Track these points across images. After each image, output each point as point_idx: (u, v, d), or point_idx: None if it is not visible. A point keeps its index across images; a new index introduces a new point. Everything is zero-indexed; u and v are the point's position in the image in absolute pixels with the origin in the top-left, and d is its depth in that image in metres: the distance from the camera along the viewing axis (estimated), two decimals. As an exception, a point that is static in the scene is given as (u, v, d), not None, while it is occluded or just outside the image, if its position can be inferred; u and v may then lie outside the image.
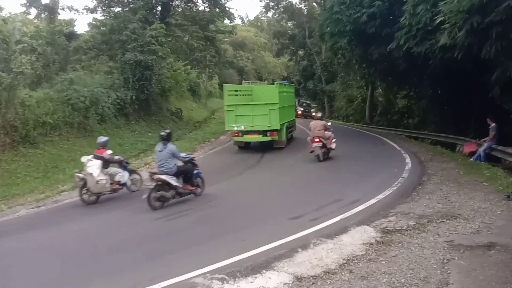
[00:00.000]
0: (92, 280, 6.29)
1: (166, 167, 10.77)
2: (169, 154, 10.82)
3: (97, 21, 30.64)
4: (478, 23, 11.61)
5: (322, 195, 10.89)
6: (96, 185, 11.26)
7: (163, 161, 10.86)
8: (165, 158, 10.84)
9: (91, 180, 11.23)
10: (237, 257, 6.61)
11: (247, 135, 18.69)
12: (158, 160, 11.01)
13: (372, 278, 5.74)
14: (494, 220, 8.05)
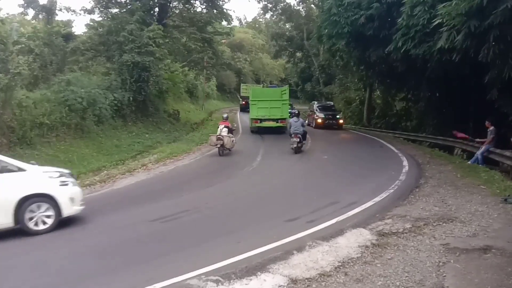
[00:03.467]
0: (87, 282, 6.26)
1: (299, 131, 18.28)
2: (300, 124, 18.50)
3: (94, 22, 30.66)
4: (475, 26, 11.62)
5: (318, 197, 10.86)
6: (229, 142, 18.39)
7: (298, 127, 18.34)
8: (299, 126, 18.38)
9: (226, 139, 18.19)
10: (232, 259, 6.58)
11: (265, 121, 26.19)
12: (294, 127, 18.40)
13: (368, 281, 5.72)
14: (491, 223, 8.03)
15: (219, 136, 18.16)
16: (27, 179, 8.86)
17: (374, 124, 36.09)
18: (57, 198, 9.03)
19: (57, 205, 9.00)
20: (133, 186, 14.12)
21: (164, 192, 12.33)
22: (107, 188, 14.19)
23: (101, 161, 18.45)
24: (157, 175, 15.55)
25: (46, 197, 8.96)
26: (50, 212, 8.94)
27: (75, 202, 9.47)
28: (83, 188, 13.97)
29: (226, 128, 18.63)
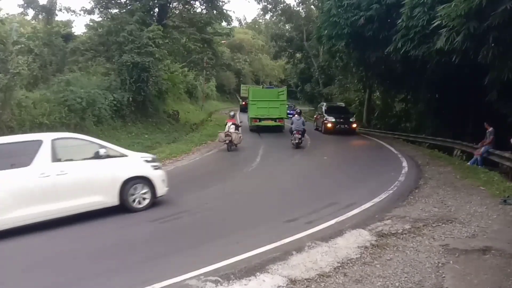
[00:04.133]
0: (85, 282, 6.25)
1: (300, 128, 20.46)
2: (301, 122, 20.76)
3: (94, 23, 30.63)
4: (475, 27, 11.63)
5: (317, 198, 10.86)
6: (237, 138, 19.78)
7: (299, 125, 20.58)
8: (300, 124, 20.63)
9: (234, 136, 19.58)
10: (231, 259, 6.57)
11: (264, 121, 27.67)
12: (296, 124, 20.58)
13: (367, 281, 5.71)
14: (490, 224, 8.03)
15: (228, 133, 19.58)
16: (129, 163, 10.23)
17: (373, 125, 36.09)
18: (153, 180, 10.42)
19: (152, 186, 10.42)
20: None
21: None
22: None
23: (100, 161, 18.42)
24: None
25: (144, 179, 10.29)
26: (147, 193, 10.34)
27: (164, 184, 10.76)
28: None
29: (233, 125, 19.96)
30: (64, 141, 9.70)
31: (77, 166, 9.51)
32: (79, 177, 9.40)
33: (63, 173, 9.13)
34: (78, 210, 9.40)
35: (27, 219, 8.77)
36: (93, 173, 9.63)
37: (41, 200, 8.87)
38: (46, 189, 8.89)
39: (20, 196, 8.67)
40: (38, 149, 9.04)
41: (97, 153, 9.66)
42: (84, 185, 9.43)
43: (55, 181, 9.00)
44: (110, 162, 9.86)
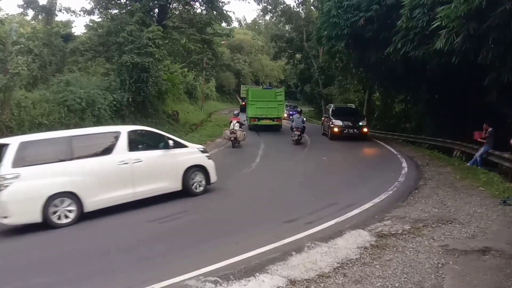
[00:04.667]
0: (84, 282, 6.25)
1: (299, 126, 22.22)
2: (301, 120, 22.76)
3: (94, 23, 30.60)
4: (474, 28, 11.63)
5: (317, 198, 10.85)
6: (241, 135, 20.99)
7: (299, 123, 22.47)
8: (300, 122, 22.55)
9: (239, 133, 20.87)
10: (231, 259, 6.57)
11: (262, 120, 28.97)
12: (296, 122, 22.50)
13: (366, 282, 5.71)
14: (490, 225, 8.03)
15: (233, 130, 21.00)
16: (189, 153, 11.71)
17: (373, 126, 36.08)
18: (208, 168, 11.88)
19: (207, 174, 11.84)
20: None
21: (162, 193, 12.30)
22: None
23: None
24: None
25: (201, 167, 11.75)
26: (203, 180, 11.77)
27: (215, 173, 12.08)
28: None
29: (238, 123, 21.75)
30: (137, 132, 11.31)
31: (149, 155, 10.80)
32: (151, 165, 10.73)
33: (138, 161, 10.44)
34: (149, 194, 10.74)
35: (110, 202, 9.98)
36: (162, 161, 11.02)
37: (121, 185, 10.15)
38: (124, 175, 10.22)
39: (104, 181, 9.87)
40: (117, 139, 10.39)
41: (165, 144, 11.11)
42: (155, 172, 10.78)
43: (132, 168, 10.32)
44: (175, 152, 11.25)
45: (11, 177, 8.79)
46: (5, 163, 8.84)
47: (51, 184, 9.17)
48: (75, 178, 9.49)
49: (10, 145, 9.08)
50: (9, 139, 9.66)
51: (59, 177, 9.34)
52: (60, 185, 9.28)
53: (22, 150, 9.11)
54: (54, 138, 10.04)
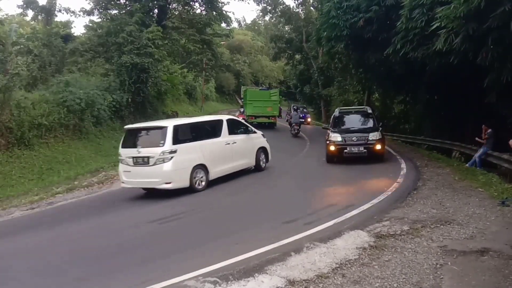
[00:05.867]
0: (85, 283, 6.27)
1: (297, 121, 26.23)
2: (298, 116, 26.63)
3: (93, 23, 30.65)
4: (474, 29, 11.63)
5: (316, 199, 10.87)
6: None
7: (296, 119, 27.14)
8: (297, 118, 26.63)
9: None
10: (230, 260, 6.57)
11: (259, 118, 31.33)
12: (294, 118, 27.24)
13: (365, 282, 5.71)
14: (488, 225, 8.03)
15: None
16: (258, 137, 15.39)
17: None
18: (268, 149, 15.64)
19: (267, 154, 15.61)
20: (131, 187, 14.11)
21: (162, 193, 12.32)
22: (105, 189, 14.22)
23: (99, 162, 18.47)
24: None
25: (263, 148, 15.43)
26: (265, 158, 15.51)
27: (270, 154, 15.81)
28: (80, 189, 14.06)
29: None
30: (231, 121, 14.63)
31: (239, 138, 14.30)
32: (241, 146, 14.05)
33: (234, 142, 13.87)
34: (238, 168, 14.05)
35: (221, 173, 13.13)
36: (246, 143, 14.47)
37: (227, 160, 13.28)
38: (228, 153, 13.52)
39: (218, 157, 13.06)
40: (221, 125, 13.73)
41: (245, 130, 14.90)
42: (242, 151, 13.88)
43: (231, 148, 13.68)
44: (252, 136, 14.95)
45: (173, 152, 11.61)
46: (167, 141, 11.61)
47: (194, 158, 12.23)
48: (204, 154, 12.57)
49: (167, 127, 11.87)
50: (164, 122, 13.21)
51: (197, 153, 12.41)
52: (198, 159, 12.35)
53: (176, 132, 11.88)
54: (192, 122, 13.56)
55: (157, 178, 11.61)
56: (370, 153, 16.14)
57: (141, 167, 11.79)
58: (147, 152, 11.69)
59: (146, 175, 11.75)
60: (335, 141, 16.49)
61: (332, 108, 45.78)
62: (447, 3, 12.16)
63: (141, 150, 11.81)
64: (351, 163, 16.12)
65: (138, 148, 11.91)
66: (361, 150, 16.19)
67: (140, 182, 12.21)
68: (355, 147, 16.28)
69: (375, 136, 16.33)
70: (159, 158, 11.50)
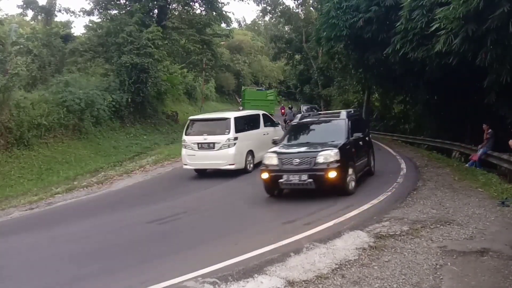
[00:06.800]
0: (83, 283, 6.26)
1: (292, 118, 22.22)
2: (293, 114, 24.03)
3: (93, 24, 30.66)
4: (473, 30, 11.63)
5: (316, 199, 10.84)
6: None
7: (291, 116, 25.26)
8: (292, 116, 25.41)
9: None
10: (229, 261, 6.56)
11: None
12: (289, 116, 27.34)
13: (364, 283, 5.71)
14: (488, 226, 8.02)
15: None
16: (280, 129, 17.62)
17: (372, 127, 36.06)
18: None
19: None
20: (130, 187, 14.14)
21: (161, 193, 12.33)
22: (105, 189, 14.21)
23: (98, 162, 18.47)
24: (155, 177, 15.57)
25: None
26: None
27: None
28: (79, 189, 14.05)
29: None
30: (264, 115, 16.87)
31: (268, 130, 16.47)
32: (271, 136, 14.97)
33: (267, 133, 16.04)
34: None
35: (259, 159, 13.83)
36: (274, 134, 15.85)
37: (263, 148, 13.78)
38: (264, 141, 14.75)
39: (258, 145, 15.02)
40: (259, 119, 16.35)
41: (271, 123, 17.17)
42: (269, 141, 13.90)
43: (265, 137, 15.31)
44: (276, 128, 17.17)
45: (235, 139, 14.17)
46: (231, 130, 14.17)
47: (247, 144, 14.74)
48: (252, 142, 15.00)
49: (230, 118, 14.49)
50: (225, 114, 16.18)
51: (248, 141, 14.85)
52: (249, 145, 14.86)
53: (236, 122, 14.40)
54: (243, 116, 16.09)
55: (223, 161, 14.11)
56: (320, 185, 10.46)
57: (206, 152, 14.26)
58: (213, 139, 14.16)
59: (211, 158, 14.18)
60: (268, 164, 10.95)
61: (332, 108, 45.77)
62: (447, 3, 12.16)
63: (207, 137, 14.18)
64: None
65: (204, 136, 14.28)
66: (303, 180, 10.39)
67: (204, 164, 14.61)
68: (296, 175, 10.51)
69: (329, 157, 10.44)
70: (225, 144, 14.04)
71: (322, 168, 10.39)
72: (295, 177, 10.51)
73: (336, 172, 10.36)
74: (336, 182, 10.51)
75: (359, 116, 16.01)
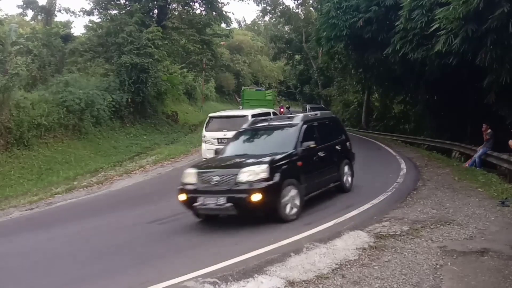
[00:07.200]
0: (83, 284, 6.25)
1: None
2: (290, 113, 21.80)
3: (93, 24, 30.65)
4: (473, 30, 11.65)
5: (315, 199, 10.81)
6: None
7: None
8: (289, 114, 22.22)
9: None
10: (230, 261, 6.55)
11: None
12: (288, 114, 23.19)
13: (365, 283, 5.70)
14: (488, 226, 8.02)
15: None
16: None
17: (372, 127, 36.09)
18: None
19: None
20: (130, 187, 14.14)
21: (161, 193, 12.32)
22: (104, 189, 14.21)
23: (98, 162, 18.46)
24: (155, 177, 15.57)
25: None
26: None
27: None
28: (79, 189, 14.05)
29: None
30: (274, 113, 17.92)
31: None
32: None
33: None
34: None
35: None
36: None
37: None
38: None
39: None
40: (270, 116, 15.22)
41: None
42: None
43: None
44: None
45: None
46: None
47: None
48: None
49: (248, 116, 14.65)
50: (244, 112, 17.32)
51: None
52: None
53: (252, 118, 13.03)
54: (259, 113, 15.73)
55: None
56: (242, 210, 8.50)
57: None
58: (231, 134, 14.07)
59: None
60: (186, 183, 9.11)
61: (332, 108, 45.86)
62: (446, 4, 12.19)
63: (226, 133, 14.40)
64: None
65: (224, 132, 14.79)
66: (220, 203, 8.36)
67: None
68: (213, 197, 8.50)
69: (253, 174, 8.39)
70: None
71: (243, 189, 8.32)
72: (212, 200, 8.43)
73: (261, 194, 8.19)
74: (263, 206, 8.46)
75: (331, 119, 12.67)
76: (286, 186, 8.70)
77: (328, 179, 10.62)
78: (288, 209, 8.77)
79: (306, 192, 9.38)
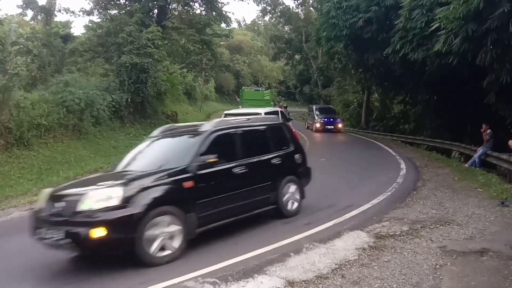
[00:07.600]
0: (83, 284, 6.24)
1: None
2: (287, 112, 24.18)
3: (93, 24, 30.58)
4: (473, 30, 11.66)
5: (315, 199, 10.82)
6: None
7: None
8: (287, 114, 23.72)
9: None
10: (229, 261, 6.55)
11: None
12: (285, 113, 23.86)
13: (364, 283, 5.71)
14: (488, 226, 8.04)
15: None
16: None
17: (372, 127, 36.11)
18: None
19: None
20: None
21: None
22: (105, 189, 14.15)
23: (98, 162, 18.41)
24: (155, 177, 15.50)
25: None
26: None
27: None
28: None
29: None
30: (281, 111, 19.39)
31: None
32: None
33: None
34: None
35: None
36: None
37: None
38: None
39: None
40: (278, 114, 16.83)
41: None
42: None
43: None
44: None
45: None
46: None
47: None
48: None
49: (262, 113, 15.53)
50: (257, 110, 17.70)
51: None
52: None
53: None
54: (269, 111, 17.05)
55: None
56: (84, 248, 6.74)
57: None
58: None
59: None
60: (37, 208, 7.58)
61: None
62: (447, 3, 12.20)
63: None
64: (350, 164, 15.98)
65: None
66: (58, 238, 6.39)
67: None
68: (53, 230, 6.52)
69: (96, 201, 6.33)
70: None
71: (82, 221, 6.26)
72: (52, 233, 6.47)
73: (107, 229, 6.14)
74: (113, 246, 6.47)
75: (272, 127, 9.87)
76: (155, 217, 6.56)
77: (250, 203, 8.35)
78: (155, 248, 6.59)
79: (200, 223, 7.23)
